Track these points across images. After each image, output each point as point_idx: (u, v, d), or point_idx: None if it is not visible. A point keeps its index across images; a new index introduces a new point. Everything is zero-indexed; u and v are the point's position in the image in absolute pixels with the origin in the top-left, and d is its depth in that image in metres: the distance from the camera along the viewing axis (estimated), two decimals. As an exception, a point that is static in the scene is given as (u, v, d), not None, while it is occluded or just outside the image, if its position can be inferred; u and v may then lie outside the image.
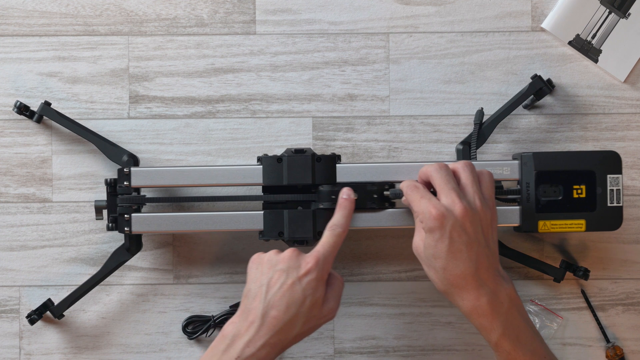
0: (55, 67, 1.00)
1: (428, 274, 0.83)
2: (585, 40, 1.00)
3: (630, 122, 1.00)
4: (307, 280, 0.82)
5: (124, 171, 0.92)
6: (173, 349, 0.99)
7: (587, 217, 0.91)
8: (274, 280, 0.82)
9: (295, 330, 0.81)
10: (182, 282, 1.00)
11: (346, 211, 0.88)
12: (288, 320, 0.81)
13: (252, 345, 0.80)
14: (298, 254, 0.84)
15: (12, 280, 0.99)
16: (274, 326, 0.81)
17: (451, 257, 0.80)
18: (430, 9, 1.00)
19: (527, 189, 0.91)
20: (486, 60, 1.00)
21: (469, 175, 0.84)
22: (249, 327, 0.81)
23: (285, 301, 0.81)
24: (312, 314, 0.82)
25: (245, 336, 0.81)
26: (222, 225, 0.93)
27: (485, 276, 0.81)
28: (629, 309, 1.00)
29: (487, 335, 0.82)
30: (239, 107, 1.00)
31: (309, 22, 1.00)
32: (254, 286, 0.83)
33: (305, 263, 0.83)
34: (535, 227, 0.91)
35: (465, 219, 0.80)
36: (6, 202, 0.99)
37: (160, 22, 1.00)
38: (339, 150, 1.00)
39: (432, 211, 0.80)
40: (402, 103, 1.00)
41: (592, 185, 0.91)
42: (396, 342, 1.00)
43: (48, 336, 0.99)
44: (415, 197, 0.83)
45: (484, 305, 0.80)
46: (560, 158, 0.92)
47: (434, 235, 0.80)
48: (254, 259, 0.86)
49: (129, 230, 0.92)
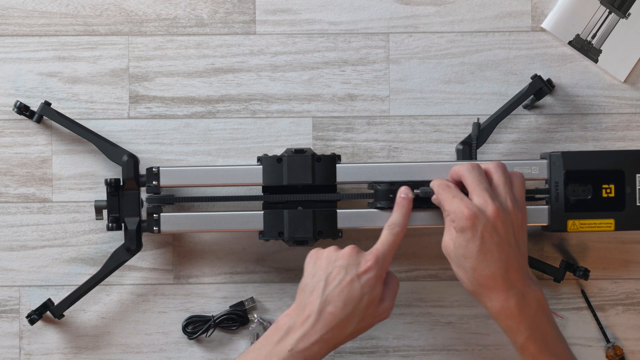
0: (55, 67, 1.00)
1: (457, 274, 0.83)
2: (585, 40, 1.00)
3: (630, 122, 1.00)
4: (366, 278, 0.82)
5: (153, 170, 0.92)
6: (173, 349, 0.99)
7: (616, 217, 0.91)
8: (333, 275, 0.82)
9: (351, 327, 0.82)
10: (182, 282, 1.00)
11: (404, 210, 0.87)
12: (344, 317, 0.81)
13: (307, 339, 0.80)
14: (358, 251, 0.84)
15: (12, 280, 0.99)
16: (329, 322, 0.81)
17: (482, 258, 0.80)
18: (430, 9, 1.00)
19: (556, 188, 0.91)
20: (486, 60, 1.00)
21: (501, 176, 0.84)
22: (304, 321, 0.81)
23: (343, 297, 0.81)
24: (368, 312, 0.82)
25: (300, 330, 0.81)
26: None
27: (514, 278, 0.81)
28: (629, 309, 1.00)
29: (513, 337, 0.82)
30: (239, 107, 1.00)
31: (309, 22, 1.00)
32: (312, 281, 0.83)
33: (365, 261, 0.83)
34: (564, 226, 0.91)
35: (497, 219, 0.80)
36: (6, 202, 0.99)
37: (160, 22, 1.00)
38: (339, 150, 1.00)
39: (465, 211, 0.80)
40: (402, 103, 1.00)
41: (621, 184, 0.91)
42: (396, 342, 1.00)
43: (48, 336, 0.99)
44: (447, 196, 0.83)
45: (512, 307, 0.80)
46: (589, 157, 0.91)
47: (465, 235, 0.80)
48: (311, 254, 0.86)
49: (157, 230, 0.92)
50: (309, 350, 0.80)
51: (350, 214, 0.93)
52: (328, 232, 0.92)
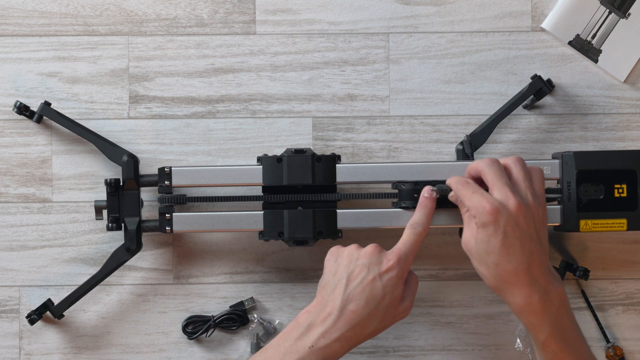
0: (55, 67, 1.00)
1: (479, 270, 0.82)
2: (585, 40, 1.00)
3: (630, 122, 1.00)
4: (388, 277, 0.82)
5: (165, 170, 0.92)
6: (173, 349, 0.99)
7: (629, 217, 0.91)
8: (355, 274, 0.82)
9: (372, 326, 0.82)
10: (182, 282, 1.00)
11: (427, 210, 0.87)
12: (366, 316, 0.81)
13: (327, 337, 0.80)
14: (380, 250, 0.84)
15: (12, 280, 0.99)
16: (351, 320, 0.80)
17: (504, 253, 0.79)
18: (430, 9, 1.00)
19: (568, 188, 0.91)
20: (486, 60, 1.00)
21: (521, 171, 0.83)
22: (325, 318, 0.81)
23: (365, 296, 0.81)
24: (389, 311, 0.82)
25: (321, 327, 0.81)
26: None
27: (537, 273, 0.80)
28: (629, 309, 1.00)
29: (534, 334, 0.81)
30: (239, 107, 1.00)
31: (309, 22, 1.00)
32: (333, 278, 0.83)
33: (387, 260, 0.83)
34: (577, 226, 0.91)
35: (519, 213, 0.80)
36: (6, 202, 0.99)
37: (160, 22, 1.00)
38: (339, 150, 1.00)
39: (486, 206, 0.79)
40: (402, 103, 1.00)
41: (633, 184, 0.91)
42: (396, 342, 1.00)
43: (48, 336, 0.99)
44: (467, 192, 0.82)
45: (535, 303, 0.80)
46: (601, 157, 0.91)
47: (487, 230, 0.80)
48: (332, 251, 0.86)
49: (170, 229, 0.92)
50: (330, 348, 0.80)
51: (350, 214, 0.93)
52: (328, 232, 0.92)
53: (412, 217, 0.87)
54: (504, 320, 1.00)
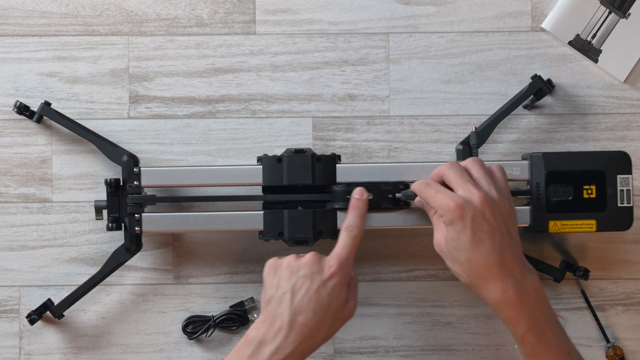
0: (55, 67, 1.00)
1: (452, 269, 0.83)
2: (585, 40, 1.00)
3: (630, 122, 1.00)
4: (331, 284, 0.82)
5: (134, 171, 0.92)
6: (173, 349, 0.99)
7: (598, 218, 0.91)
8: (299, 285, 0.82)
9: (322, 334, 0.82)
10: (182, 282, 1.00)
11: (359, 212, 0.88)
12: (316, 325, 0.81)
13: (280, 353, 0.80)
14: (320, 258, 0.84)
15: (12, 280, 0.99)
16: (302, 332, 0.80)
17: (475, 248, 0.80)
18: (430, 9, 1.00)
19: (537, 189, 0.91)
20: (486, 60, 1.00)
21: (480, 169, 0.84)
22: (276, 333, 0.80)
23: (313, 306, 0.81)
24: (336, 316, 0.82)
25: (273, 343, 0.80)
26: (222, 225, 0.93)
27: (511, 266, 0.80)
28: (629, 309, 1.00)
29: (513, 328, 0.81)
30: (239, 107, 1.00)
31: (309, 22, 1.00)
32: (277, 292, 0.82)
33: (328, 267, 0.83)
34: (546, 227, 0.91)
35: (484, 207, 0.80)
36: (6, 202, 0.99)
37: (160, 22, 1.00)
38: (339, 150, 1.00)
39: (450, 203, 0.80)
40: (402, 103, 1.00)
41: (602, 185, 0.91)
42: (396, 342, 1.00)
43: (48, 336, 0.99)
44: (430, 193, 0.83)
45: (511, 297, 0.80)
46: (570, 158, 0.91)
47: (455, 227, 0.80)
48: (270, 265, 0.85)
49: (139, 230, 0.92)
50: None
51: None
52: (328, 232, 0.92)
53: (345, 220, 0.88)
54: (504, 320, 1.00)
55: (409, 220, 0.91)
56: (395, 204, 0.91)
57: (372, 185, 0.90)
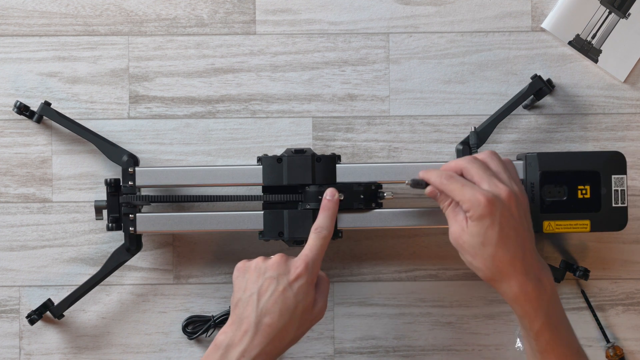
0: (55, 67, 1.00)
1: (472, 263, 0.81)
2: (585, 40, 1.00)
3: (630, 122, 1.00)
4: (298, 285, 0.82)
5: (129, 171, 0.92)
6: (173, 349, 0.99)
7: (592, 218, 0.91)
8: (265, 287, 0.82)
9: (290, 335, 0.81)
10: (182, 282, 1.00)
11: (329, 212, 0.88)
12: (282, 327, 0.81)
13: (247, 355, 0.80)
14: (286, 259, 0.84)
15: (12, 280, 0.99)
16: (268, 334, 0.80)
17: (502, 244, 0.79)
18: (430, 9, 1.00)
19: (532, 189, 0.91)
20: (486, 60, 1.00)
21: (499, 163, 0.83)
22: (243, 336, 0.80)
23: (279, 308, 0.81)
24: (304, 317, 0.82)
25: (240, 345, 0.80)
26: (222, 225, 0.93)
27: (531, 261, 0.80)
28: (629, 309, 1.00)
29: (529, 323, 0.81)
30: (239, 107, 1.00)
31: (309, 22, 1.00)
32: (244, 295, 0.82)
33: (294, 268, 0.82)
34: (540, 227, 0.91)
35: (511, 202, 0.79)
36: (6, 202, 0.99)
37: (160, 22, 1.00)
38: (339, 150, 1.00)
39: (481, 198, 0.78)
40: (402, 103, 1.00)
41: (596, 185, 0.91)
42: (396, 342, 1.00)
43: (48, 336, 0.99)
44: (456, 186, 0.81)
45: (530, 292, 0.79)
46: (564, 158, 0.92)
47: (483, 222, 0.79)
48: (239, 268, 0.85)
49: (134, 230, 0.92)
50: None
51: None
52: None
53: (315, 221, 0.88)
54: (504, 320, 1.00)
55: (410, 220, 0.91)
56: (367, 205, 0.91)
57: (344, 185, 0.90)
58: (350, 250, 1.00)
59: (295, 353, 1.00)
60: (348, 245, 1.00)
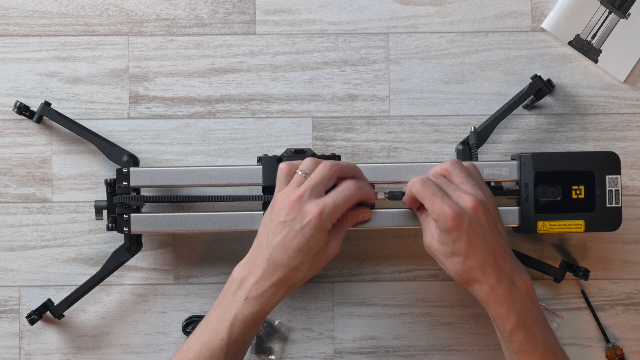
0: (55, 67, 1.00)
1: (445, 268, 0.83)
2: (585, 40, 1.00)
3: (630, 122, 1.00)
4: (309, 231, 0.81)
5: (123, 171, 0.92)
6: (173, 349, 0.99)
7: (586, 218, 0.91)
8: (278, 230, 0.82)
9: (301, 274, 0.82)
10: (182, 282, 1.00)
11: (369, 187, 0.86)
12: (293, 267, 0.81)
13: (259, 287, 0.81)
14: (304, 201, 0.81)
15: (12, 280, 0.99)
16: (279, 271, 0.81)
17: (470, 253, 0.80)
18: (430, 9, 1.00)
19: (526, 190, 0.92)
20: (486, 60, 1.00)
21: (461, 172, 0.84)
22: (256, 270, 0.82)
23: (289, 251, 0.81)
24: (317, 257, 0.82)
25: (253, 277, 0.82)
26: (222, 225, 0.93)
27: (502, 263, 0.81)
28: (629, 309, 1.00)
29: (502, 324, 0.82)
30: (239, 107, 1.00)
31: (309, 22, 1.00)
32: (264, 230, 0.84)
33: (308, 214, 0.81)
34: (535, 227, 0.92)
35: (479, 212, 0.80)
36: (6, 202, 0.99)
37: (160, 22, 1.00)
38: (339, 150, 1.00)
39: (448, 211, 0.80)
40: (402, 103, 1.00)
41: (591, 185, 0.91)
42: (396, 342, 1.00)
43: (48, 336, 0.99)
44: (427, 194, 0.82)
45: (502, 293, 0.81)
46: (559, 159, 0.92)
47: (451, 234, 0.80)
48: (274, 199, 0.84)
49: (128, 230, 0.92)
50: (263, 296, 0.81)
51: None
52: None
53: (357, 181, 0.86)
54: (504, 320, 1.00)
55: (409, 220, 0.91)
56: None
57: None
58: (350, 250, 1.00)
59: (296, 353, 1.00)
60: (348, 245, 1.00)
